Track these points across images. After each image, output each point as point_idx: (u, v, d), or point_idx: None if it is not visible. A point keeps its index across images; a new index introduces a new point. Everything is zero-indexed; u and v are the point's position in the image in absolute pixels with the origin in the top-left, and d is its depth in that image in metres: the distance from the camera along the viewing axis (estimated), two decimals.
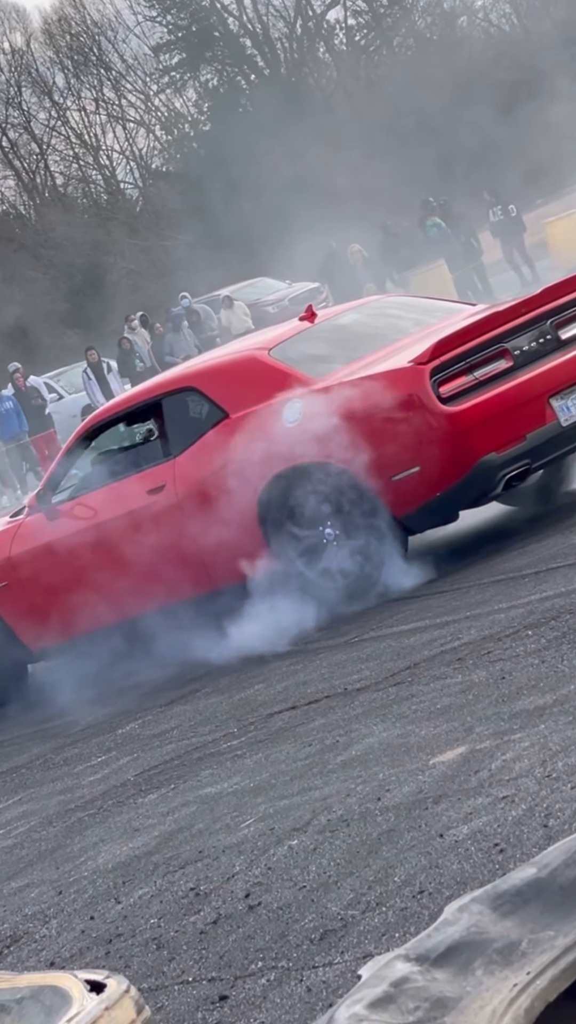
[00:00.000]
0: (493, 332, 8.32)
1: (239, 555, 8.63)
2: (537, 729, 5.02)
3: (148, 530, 8.99)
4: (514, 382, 8.26)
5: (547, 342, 8.46)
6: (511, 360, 8.31)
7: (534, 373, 8.33)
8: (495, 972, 2.22)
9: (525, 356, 8.36)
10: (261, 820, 5.30)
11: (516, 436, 8.21)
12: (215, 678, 8.04)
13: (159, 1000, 4.21)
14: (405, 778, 5.09)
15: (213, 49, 58.36)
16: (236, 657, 8.16)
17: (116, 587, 9.18)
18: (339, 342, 9.11)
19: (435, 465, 8.15)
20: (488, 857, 4.20)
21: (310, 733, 6.17)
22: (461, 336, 8.29)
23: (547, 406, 8.32)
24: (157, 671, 8.81)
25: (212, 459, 8.79)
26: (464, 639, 6.61)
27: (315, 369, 8.76)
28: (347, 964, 3.95)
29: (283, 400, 8.59)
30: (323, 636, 7.90)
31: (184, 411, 9.11)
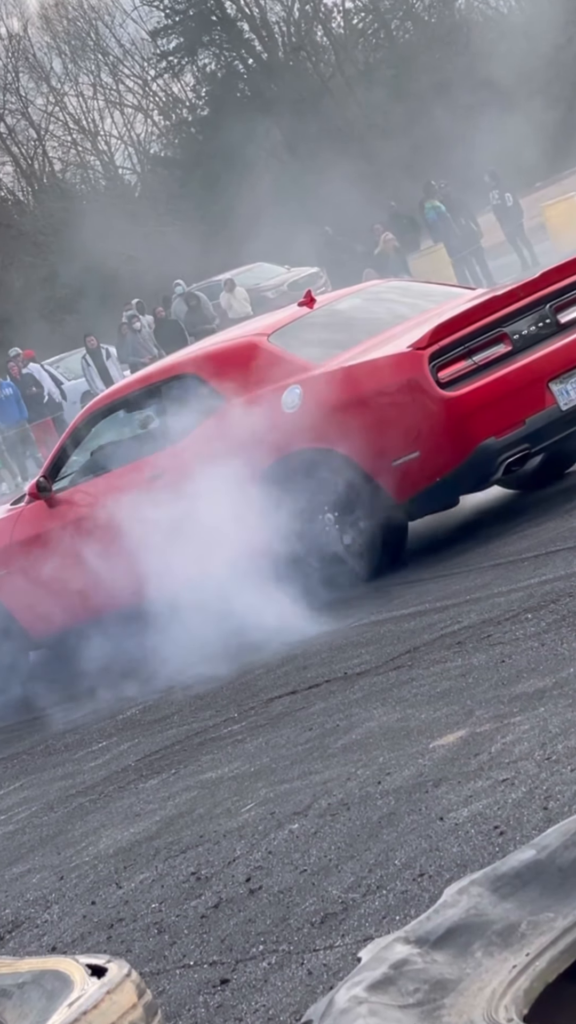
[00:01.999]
0: (492, 317, 8.31)
1: (240, 542, 8.59)
2: (537, 712, 5.03)
3: (149, 518, 8.93)
4: (513, 366, 8.25)
5: (546, 326, 8.44)
6: (510, 344, 8.29)
7: (533, 357, 8.32)
8: (494, 954, 2.23)
9: (524, 340, 8.35)
10: (262, 804, 5.31)
11: (515, 420, 8.21)
12: (215, 663, 8.04)
13: (160, 984, 4.22)
14: (405, 762, 5.10)
15: (211, 33, 58.21)
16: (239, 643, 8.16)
17: (116, 574, 9.15)
18: (338, 327, 9.09)
19: (435, 450, 8.14)
20: (488, 840, 4.20)
21: (310, 717, 6.18)
22: (460, 321, 8.27)
23: (546, 390, 8.31)
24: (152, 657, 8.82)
25: (211, 445, 8.77)
26: (464, 623, 6.61)
27: (314, 354, 8.74)
28: (348, 947, 3.96)
29: (282, 386, 8.58)
30: (323, 621, 7.91)
31: (183, 397, 9.08)
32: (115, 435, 9.80)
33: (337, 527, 8.46)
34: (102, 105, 59.95)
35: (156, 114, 60.48)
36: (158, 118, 60.59)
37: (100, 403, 9.78)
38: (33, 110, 59.41)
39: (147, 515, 8.91)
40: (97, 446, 9.69)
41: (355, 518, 8.40)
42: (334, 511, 8.45)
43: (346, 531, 8.46)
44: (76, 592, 9.40)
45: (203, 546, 8.73)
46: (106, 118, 60.32)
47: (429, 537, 8.87)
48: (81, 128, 59.91)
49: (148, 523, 8.91)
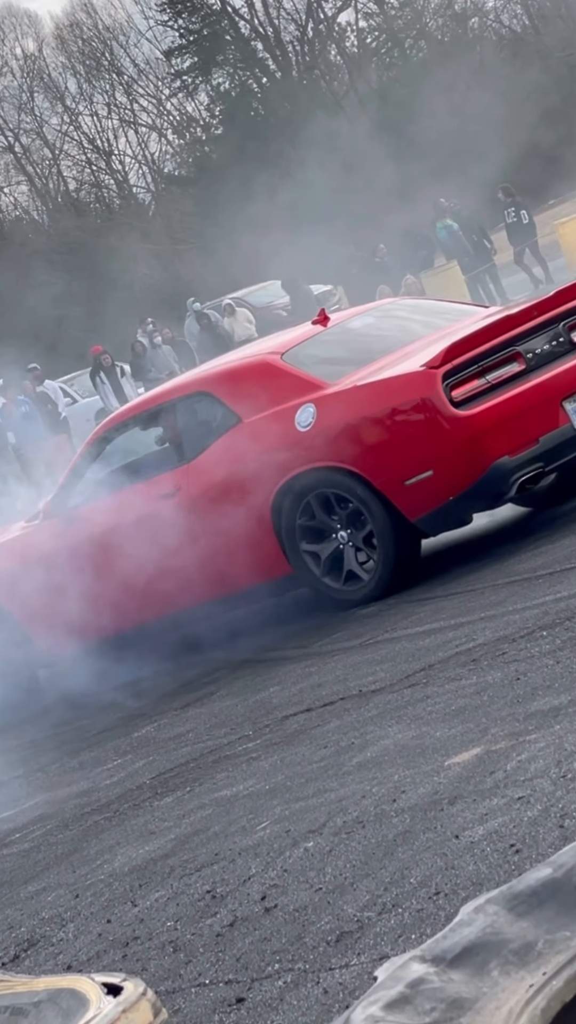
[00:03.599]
0: (505, 335, 8.30)
1: (254, 560, 8.66)
2: (552, 730, 5.02)
3: (164, 535, 8.99)
4: (527, 385, 8.24)
5: (560, 344, 8.44)
6: (524, 363, 8.29)
7: (547, 376, 8.31)
8: (511, 973, 2.22)
9: (538, 359, 8.34)
10: (277, 822, 5.31)
11: (529, 439, 8.20)
12: (230, 681, 8.05)
13: (176, 1003, 4.22)
14: (420, 779, 5.09)
15: (224, 52, 58.39)
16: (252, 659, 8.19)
17: (130, 592, 9.19)
18: (352, 346, 9.11)
19: (448, 469, 8.14)
20: (504, 858, 4.19)
21: (325, 735, 6.18)
22: (473, 340, 8.27)
23: (560, 409, 8.30)
24: (167, 675, 8.84)
25: (225, 463, 8.81)
26: (479, 640, 6.60)
27: (328, 373, 8.75)
28: (363, 966, 3.95)
29: (296, 404, 8.60)
30: (338, 638, 7.91)
31: (197, 416, 9.12)
32: (131, 452, 9.83)
33: (351, 544, 8.47)
34: (116, 124, 60.17)
35: (170, 133, 60.68)
36: (172, 137, 60.79)
37: (116, 420, 9.80)
38: (48, 130, 59.65)
39: (162, 533, 8.95)
40: (112, 463, 9.71)
41: (368, 536, 8.40)
42: (348, 529, 8.46)
43: (360, 549, 8.46)
44: (90, 609, 9.40)
45: (218, 563, 8.78)
46: (120, 137, 60.53)
47: (443, 554, 8.87)
48: (95, 147, 60.10)
49: (163, 540, 8.94)
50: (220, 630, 9.09)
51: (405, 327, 9.29)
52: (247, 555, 8.70)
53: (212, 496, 8.81)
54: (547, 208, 42.46)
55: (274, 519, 8.57)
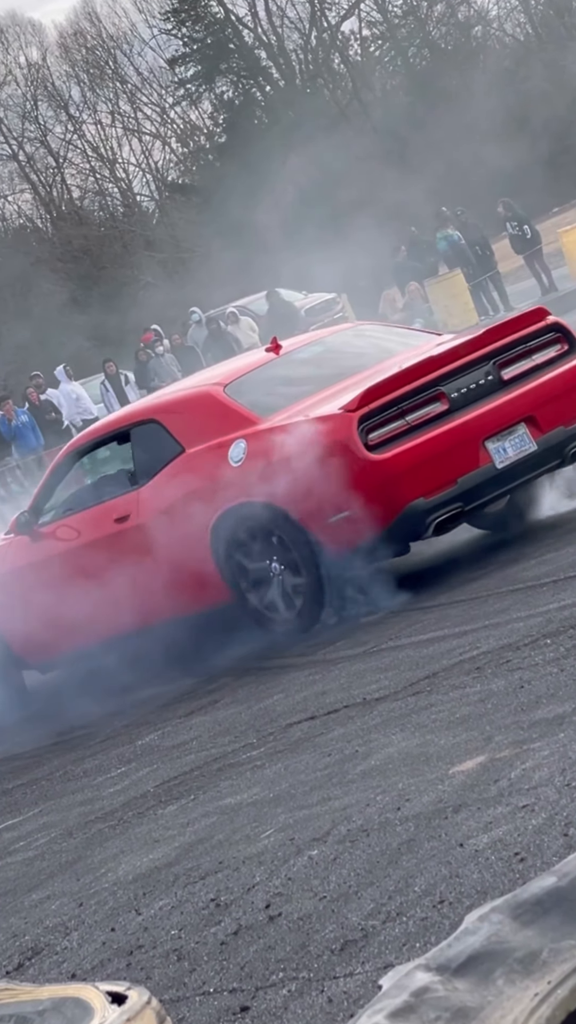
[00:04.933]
0: (430, 376, 8.42)
1: (197, 586, 8.97)
2: (556, 738, 5.02)
3: (115, 558, 9.31)
4: (445, 427, 8.38)
5: (488, 383, 8.57)
6: (447, 403, 8.43)
7: (468, 417, 8.44)
8: (516, 981, 2.22)
9: (463, 398, 8.49)
10: (281, 831, 5.30)
11: (447, 480, 8.33)
12: (233, 689, 8.05)
13: (180, 1011, 4.21)
14: (425, 788, 5.08)
15: (228, 61, 58.49)
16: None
17: (90, 609, 9.50)
18: (293, 379, 9.27)
19: (364, 510, 8.28)
20: (508, 866, 4.19)
21: (329, 743, 6.17)
22: (393, 382, 8.40)
23: (481, 449, 8.43)
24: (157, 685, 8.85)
25: (169, 492, 9.07)
26: (483, 648, 6.60)
27: (264, 407, 8.94)
28: (368, 974, 3.95)
29: (231, 439, 8.81)
30: (342, 646, 7.91)
31: (147, 443, 9.38)
32: (92, 474, 10.39)
33: (282, 577, 8.68)
34: (120, 133, 60.25)
35: (174, 141, 60.74)
36: (176, 145, 60.85)
37: (80, 441, 10.12)
38: (52, 138, 59.72)
39: (115, 554, 9.31)
40: (76, 484, 10.22)
41: (297, 569, 8.59)
42: (279, 562, 8.67)
43: (289, 581, 8.66)
44: (56, 624, 9.76)
45: (163, 589, 9.14)
46: (124, 145, 60.61)
47: (447, 562, 8.87)
48: (99, 155, 60.18)
49: (116, 562, 9.30)
50: (223, 638, 9.11)
51: (350, 359, 9.43)
52: (190, 582, 8.99)
53: (158, 523, 9.10)
54: (550, 216, 42.47)
55: (213, 549, 8.82)
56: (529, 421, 8.58)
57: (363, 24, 59.03)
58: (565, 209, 43.91)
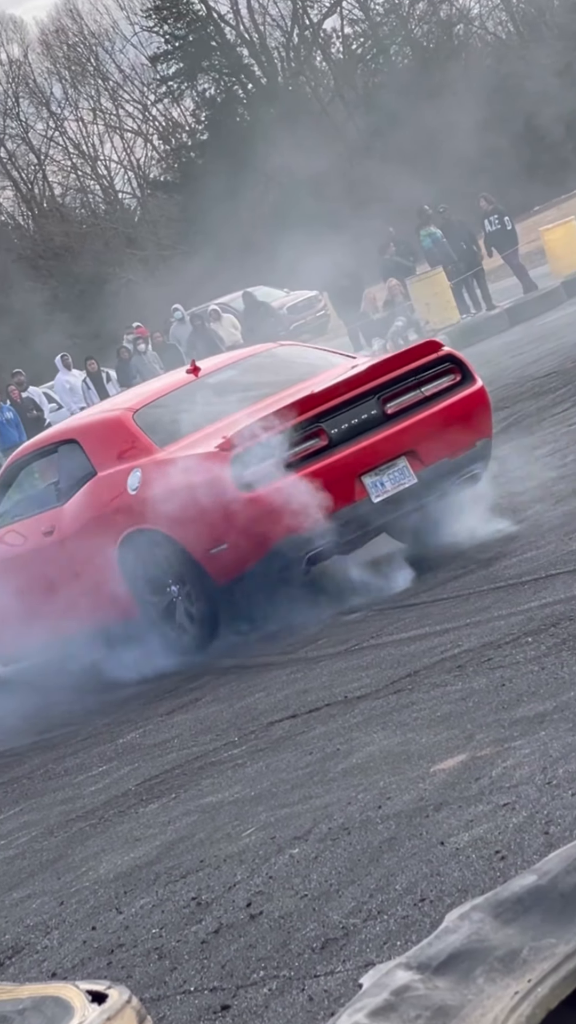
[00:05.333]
0: (310, 413, 8.62)
1: (110, 603, 9.37)
2: (537, 736, 5.02)
3: (43, 569, 9.79)
4: (320, 464, 8.57)
5: (371, 418, 8.74)
6: (326, 439, 8.62)
7: (345, 453, 8.64)
8: (496, 980, 2.21)
9: (343, 434, 8.66)
10: (262, 829, 5.30)
11: (320, 516, 8.49)
12: (215, 687, 8.05)
13: (161, 1010, 4.21)
14: (406, 786, 5.09)
15: (210, 59, 58.46)
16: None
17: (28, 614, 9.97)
18: (198, 407, 9.50)
19: (239, 544, 8.59)
20: (489, 864, 4.19)
21: (311, 741, 6.17)
22: (273, 418, 8.60)
23: (358, 483, 8.61)
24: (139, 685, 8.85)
25: (83, 512, 9.47)
26: (464, 646, 6.61)
27: (165, 436, 9.26)
28: (349, 973, 3.95)
29: (130, 466, 9.16)
30: (323, 644, 7.91)
31: (69, 461, 9.78)
32: (30, 486, 10.92)
33: (180, 599, 9.02)
34: (102, 130, 60.20)
35: (156, 139, 60.68)
36: (158, 143, 60.79)
37: (22, 452, 10.55)
38: (33, 135, 59.65)
39: (42, 565, 9.81)
40: (17, 495, 10.55)
41: (189, 593, 8.95)
42: (176, 585, 9.01)
43: (185, 603, 8.99)
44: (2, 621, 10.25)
45: (80, 601, 9.58)
46: (106, 143, 60.55)
47: (429, 560, 8.87)
48: (81, 153, 60.11)
49: (43, 573, 9.81)
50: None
51: (258, 385, 9.64)
52: (104, 598, 9.37)
53: (75, 540, 9.50)
54: (532, 215, 42.53)
55: (120, 568, 9.18)
56: (410, 455, 8.79)
57: (345, 22, 59.06)
58: (546, 207, 43.98)
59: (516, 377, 16.15)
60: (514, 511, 9.29)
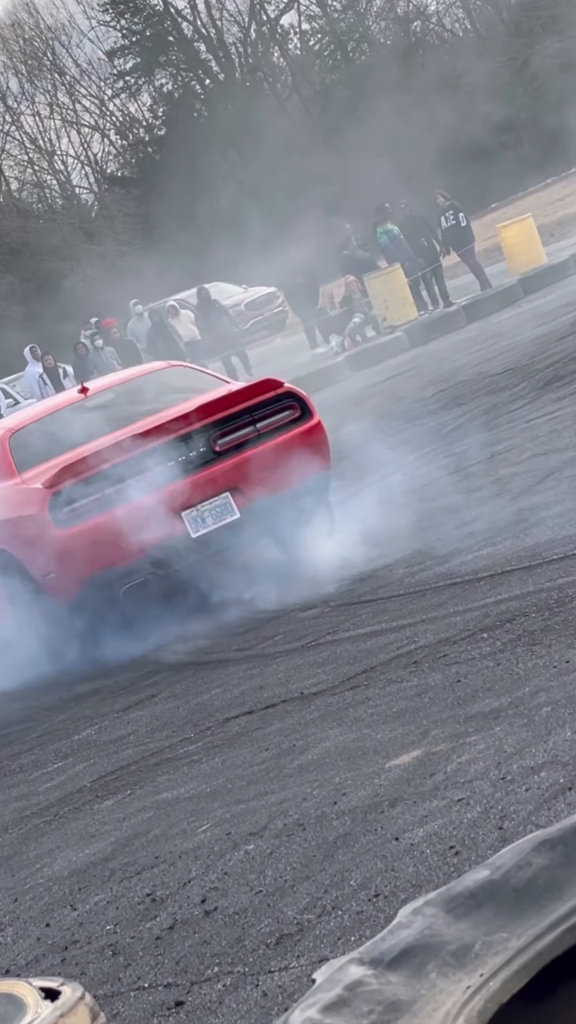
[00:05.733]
0: (137, 451, 8.96)
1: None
2: (492, 732, 5.04)
3: None
4: (140, 500, 8.88)
5: (199, 455, 9.06)
6: (148, 476, 8.94)
7: (166, 489, 8.92)
8: (448, 974, 2.22)
9: (167, 471, 8.98)
10: (217, 825, 5.30)
11: (136, 550, 8.86)
12: (171, 683, 8.04)
13: (115, 1007, 4.20)
14: (361, 782, 5.09)
15: (167, 54, 58.33)
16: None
17: None
18: (70, 431, 9.86)
19: (62, 575, 9.04)
20: (443, 860, 4.20)
21: (267, 738, 6.17)
22: (92, 458, 8.98)
23: (178, 519, 8.92)
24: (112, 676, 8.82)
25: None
26: (420, 643, 6.62)
27: (27, 461, 9.70)
28: (303, 968, 3.95)
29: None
30: (280, 640, 7.91)
31: None
32: None
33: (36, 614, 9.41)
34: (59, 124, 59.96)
35: (113, 134, 60.52)
36: (115, 137, 60.62)
37: None
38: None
39: None
40: None
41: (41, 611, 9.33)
42: (31, 601, 9.39)
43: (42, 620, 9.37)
44: None
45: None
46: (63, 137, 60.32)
47: (385, 556, 8.89)
48: (38, 147, 59.88)
49: None
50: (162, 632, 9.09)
51: (128, 411, 9.93)
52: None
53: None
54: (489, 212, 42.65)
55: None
56: (235, 491, 9.08)
57: (302, 18, 59.02)
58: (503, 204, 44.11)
59: (473, 374, 16.19)
60: (470, 507, 9.31)
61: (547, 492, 8.81)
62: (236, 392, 9.32)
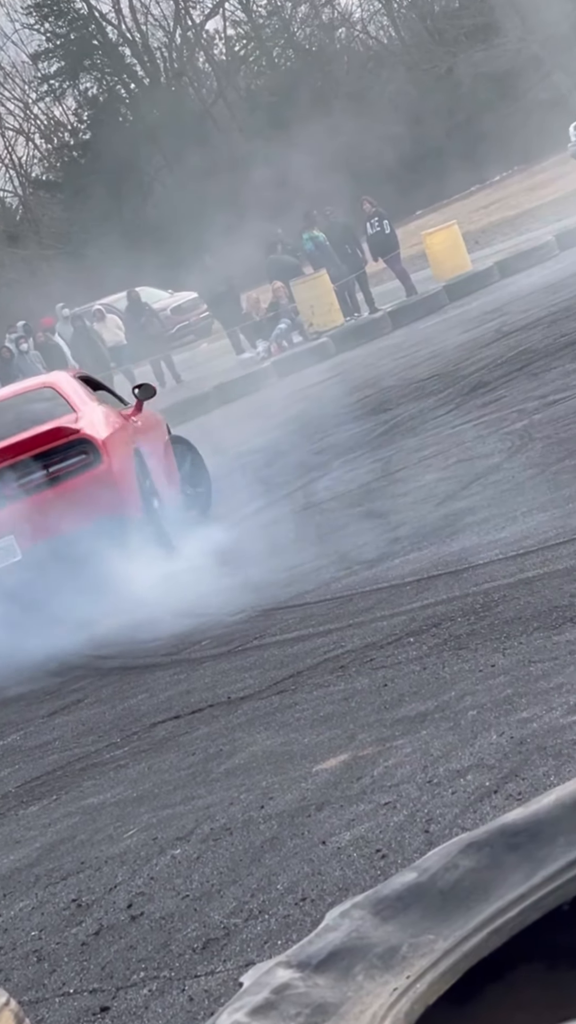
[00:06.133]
0: None
1: None
2: (419, 735, 5.05)
3: None
4: None
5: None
6: None
7: None
8: (376, 977, 2.23)
9: None
10: (144, 830, 5.28)
11: None
12: (97, 688, 8.01)
13: (40, 1013, 4.18)
14: (288, 786, 5.09)
15: (92, 57, 58.14)
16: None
17: None
18: None
19: None
20: (370, 863, 4.21)
21: (194, 742, 6.16)
22: None
23: None
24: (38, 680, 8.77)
25: None
26: (347, 647, 6.63)
27: None
28: (229, 972, 3.95)
29: None
30: (207, 645, 7.90)
31: None
32: None
33: None
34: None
35: (38, 137, 60.24)
36: (40, 141, 60.35)
37: None
38: None
39: None
40: None
41: None
42: None
43: None
44: None
45: None
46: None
47: (311, 562, 8.90)
48: None
49: None
50: (87, 637, 9.06)
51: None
52: None
53: None
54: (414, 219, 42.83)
55: None
56: (17, 533, 9.52)
57: (228, 23, 59.05)
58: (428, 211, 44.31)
59: (399, 380, 16.24)
60: (397, 512, 9.34)
61: (472, 497, 8.85)
62: (29, 438, 9.75)
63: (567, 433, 9.49)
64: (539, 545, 7.04)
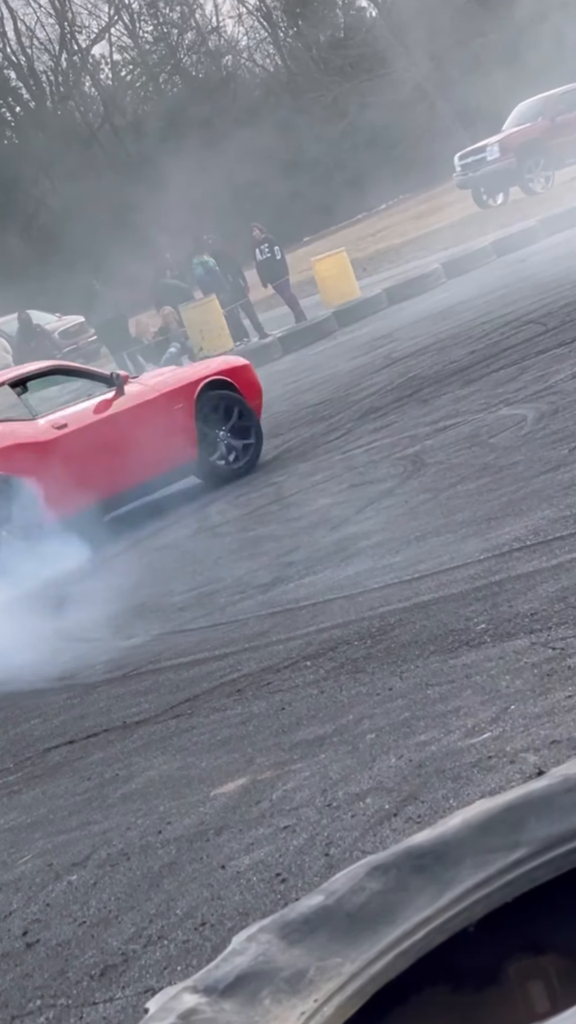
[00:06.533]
0: None
1: None
2: (317, 759, 5.05)
3: None
4: None
5: None
6: None
7: None
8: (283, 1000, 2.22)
9: None
10: (39, 856, 5.23)
11: None
12: None
13: None
14: (186, 810, 5.07)
15: None
16: None
17: None
18: None
19: None
20: (270, 887, 4.20)
21: (89, 767, 6.12)
22: None
23: None
24: None
25: None
26: (243, 671, 6.62)
27: None
28: (128, 999, 3.91)
29: None
30: (100, 669, 7.85)
31: None
32: None
33: None
34: None
35: None
36: None
37: None
38: None
39: None
40: None
41: None
42: None
43: None
44: None
45: None
46: None
47: (206, 586, 8.88)
48: None
49: None
50: None
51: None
52: None
53: None
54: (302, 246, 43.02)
55: None
56: None
57: (114, 48, 59.04)
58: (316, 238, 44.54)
59: (290, 405, 16.29)
60: (291, 537, 9.35)
61: (366, 522, 8.88)
62: None
63: (458, 459, 9.56)
64: (433, 569, 7.07)
